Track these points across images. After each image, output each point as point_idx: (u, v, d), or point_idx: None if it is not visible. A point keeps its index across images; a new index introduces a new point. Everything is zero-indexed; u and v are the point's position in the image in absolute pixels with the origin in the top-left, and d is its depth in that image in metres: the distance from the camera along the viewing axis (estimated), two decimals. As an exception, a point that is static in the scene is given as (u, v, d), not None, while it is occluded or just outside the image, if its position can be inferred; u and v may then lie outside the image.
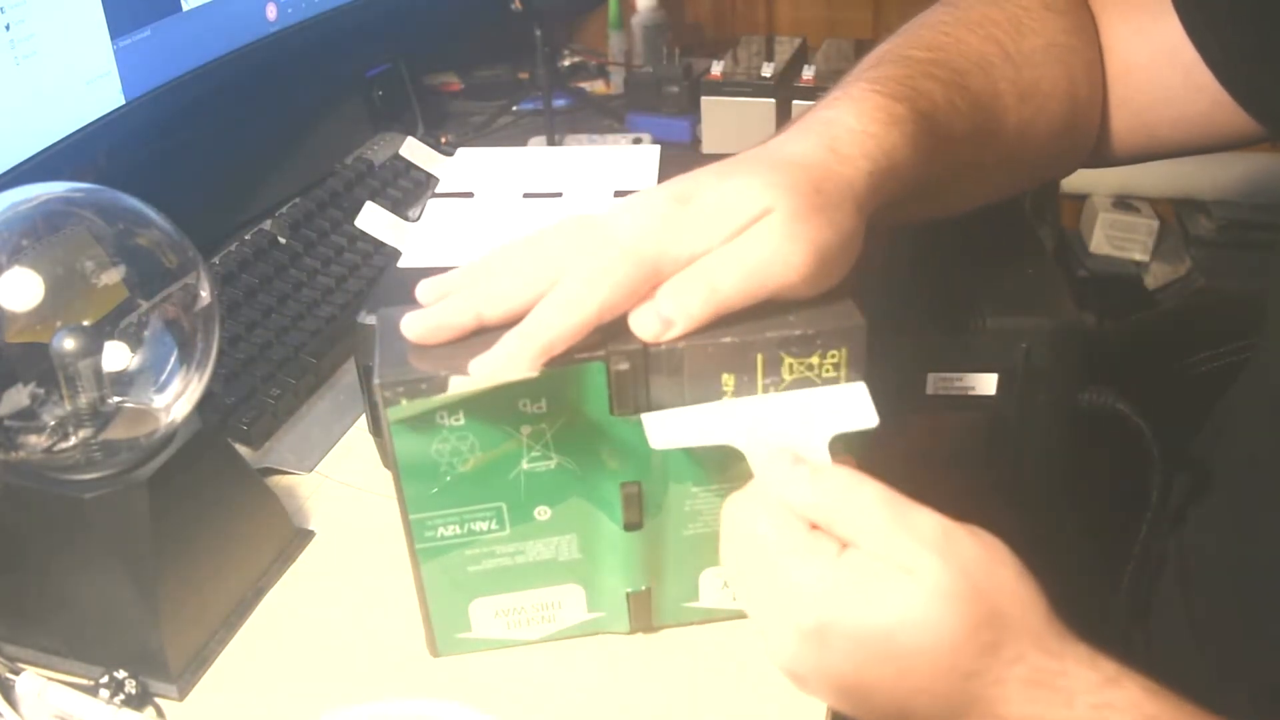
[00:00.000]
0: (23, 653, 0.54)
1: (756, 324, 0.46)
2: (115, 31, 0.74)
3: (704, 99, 1.02)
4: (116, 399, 0.51)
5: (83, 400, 0.50)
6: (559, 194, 0.73)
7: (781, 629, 0.42)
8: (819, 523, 0.42)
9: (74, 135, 0.72)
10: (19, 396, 0.50)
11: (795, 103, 1.00)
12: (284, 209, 0.87)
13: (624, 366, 0.46)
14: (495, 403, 0.46)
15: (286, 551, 0.60)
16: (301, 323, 0.76)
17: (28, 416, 0.50)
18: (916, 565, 0.40)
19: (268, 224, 0.84)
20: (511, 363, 0.44)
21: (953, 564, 0.40)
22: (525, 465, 0.49)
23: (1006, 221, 0.65)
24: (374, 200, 0.86)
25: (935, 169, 0.53)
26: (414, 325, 0.47)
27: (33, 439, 0.50)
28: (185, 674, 0.53)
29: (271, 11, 0.91)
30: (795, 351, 0.47)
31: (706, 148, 1.03)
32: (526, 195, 0.73)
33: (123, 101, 0.76)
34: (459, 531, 0.50)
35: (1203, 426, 0.67)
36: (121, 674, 0.51)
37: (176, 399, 0.52)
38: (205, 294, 0.53)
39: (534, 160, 0.80)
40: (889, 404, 0.47)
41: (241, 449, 0.65)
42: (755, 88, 1.00)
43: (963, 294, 0.60)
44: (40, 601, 0.53)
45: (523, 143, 1.06)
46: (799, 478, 0.43)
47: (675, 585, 0.53)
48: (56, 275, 0.50)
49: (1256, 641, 0.58)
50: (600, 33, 1.28)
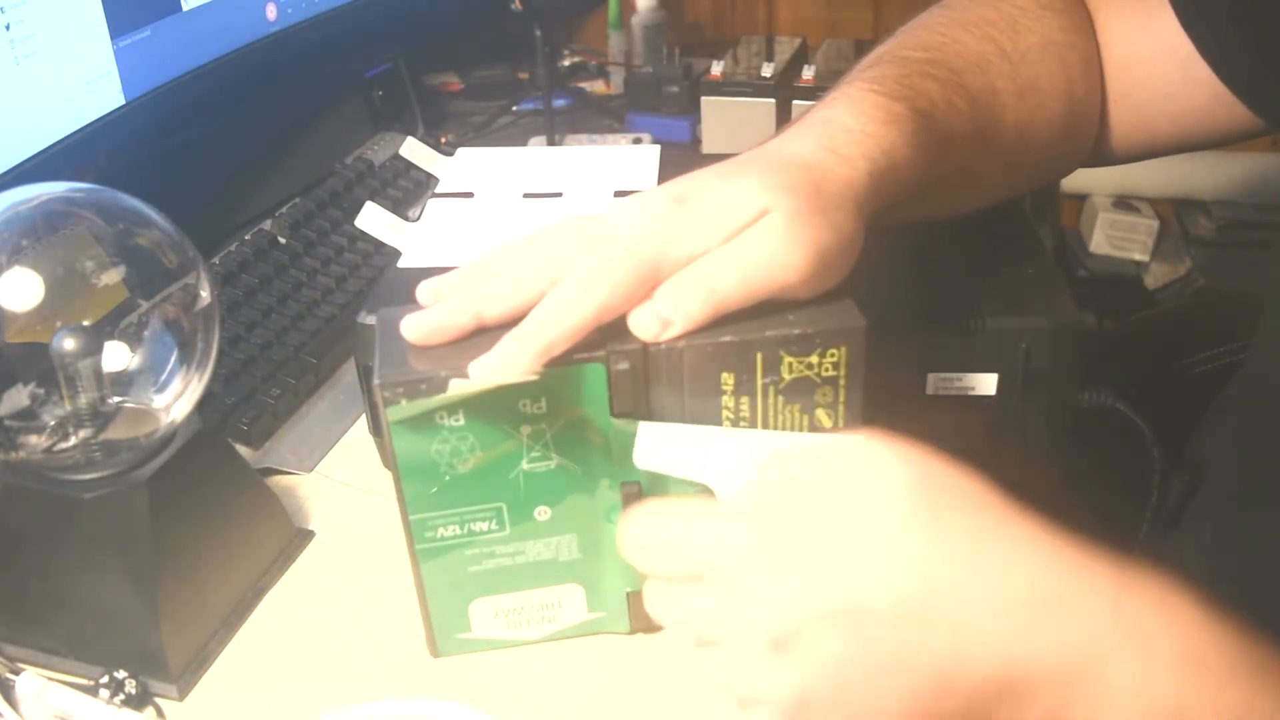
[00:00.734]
0: (23, 653, 0.54)
1: (756, 323, 0.46)
2: (115, 31, 0.74)
3: (704, 99, 1.02)
4: (116, 399, 0.51)
5: (83, 400, 0.50)
6: (559, 194, 0.73)
7: (829, 557, 0.39)
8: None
9: (74, 135, 0.72)
10: (19, 396, 0.50)
11: (795, 103, 1.00)
12: (284, 209, 0.87)
13: (624, 366, 0.46)
14: (495, 403, 0.46)
15: (286, 551, 0.60)
16: (301, 323, 0.76)
17: (28, 416, 0.50)
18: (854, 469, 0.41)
19: (268, 224, 0.84)
20: (511, 364, 0.44)
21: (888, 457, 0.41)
22: (525, 465, 0.49)
23: (1006, 221, 0.65)
24: (374, 200, 0.86)
25: (935, 168, 0.53)
26: (414, 326, 0.47)
27: (33, 439, 0.50)
28: (185, 674, 0.53)
29: (271, 11, 0.91)
30: (795, 351, 0.47)
31: (706, 148, 1.03)
32: (526, 195, 0.73)
33: (123, 101, 0.76)
34: (459, 531, 0.50)
35: (1203, 426, 0.67)
36: (121, 674, 0.51)
37: (176, 399, 0.52)
38: (205, 294, 0.53)
39: (534, 160, 0.80)
40: (889, 404, 0.47)
41: (241, 449, 0.65)
42: (755, 88, 1.00)
43: (963, 294, 0.60)
44: (40, 601, 0.53)
45: (523, 143, 1.07)
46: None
47: (675, 585, 0.53)
48: (56, 275, 0.50)
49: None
50: (600, 33, 1.28)
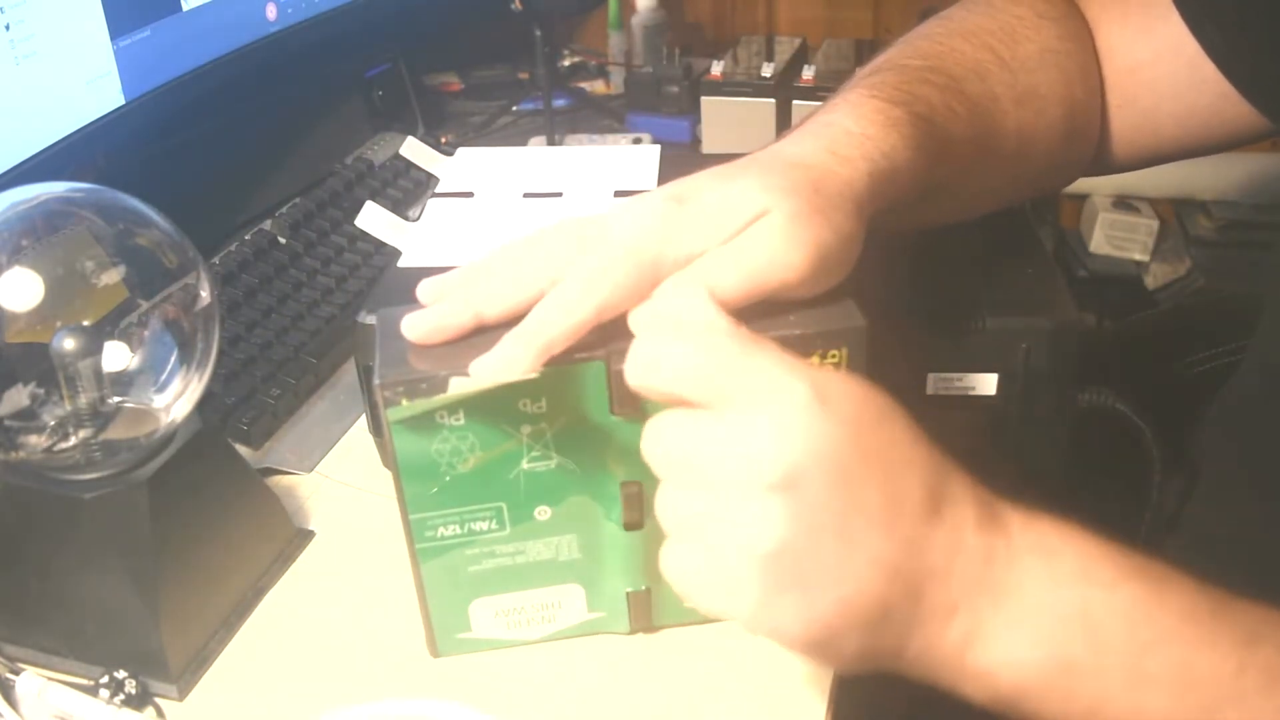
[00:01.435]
0: (23, 653, 0.54)
1: (756, 323, 0.46)
2: (115, 31, 0.74)
3: (704, 99, 1.02)
4: (116, 399, 0.51)
5: (83, 400, 0.50)
6: (559, 194, 0.73)
7: (767, 430, 0.39)
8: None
9: (74, 135, 0.72)
10: (19, 396, 0.50)
11: (795, 103, 1.00)
12: (284, 209, 0.87)
13: (624, 366, 0.46)
14: (495, 403, 0.46)
15: (286, 551, 0.60)
16: (301, 323, 0.76)
17: (28, 416, 0.50)
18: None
19: (268, 224, 0.84)
20: (512, 363, 0.44)
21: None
22: (525, 465, 0.49)
23: (1006, 221, 0.65)
24: (374, 200, 0.86)
25: (936, 173, 0.53)
26: (414, 326, 0.47)
27: (33, 439, 0.50)
28: (185, 674, 0.53)
29: (271, 11, 0.91)
30: (795, 351, 0.47)
31: (706, 148, 1.03)
32: (527, 195, 0.73)
33: (123, 101, 0.76)
34: (459, 531, 0.50)
35: (1202, 426, 0.68)
36: (121, 674, 0.51)
37: (176, 399, 0.52)
38: (205, 294, 0.53)
39: (534, 160, 0.80)
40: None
41: (241, 449, 0.65)
42: (755, 88, 1.00)
43: (963, 294, 0.60)
44: (40, 601, 0.53)
45: (523, 143, 1.06)
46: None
47: (675, 585, 0.53)
48: (56, 275, 0.50)
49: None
50: (600, 33, 1.28)
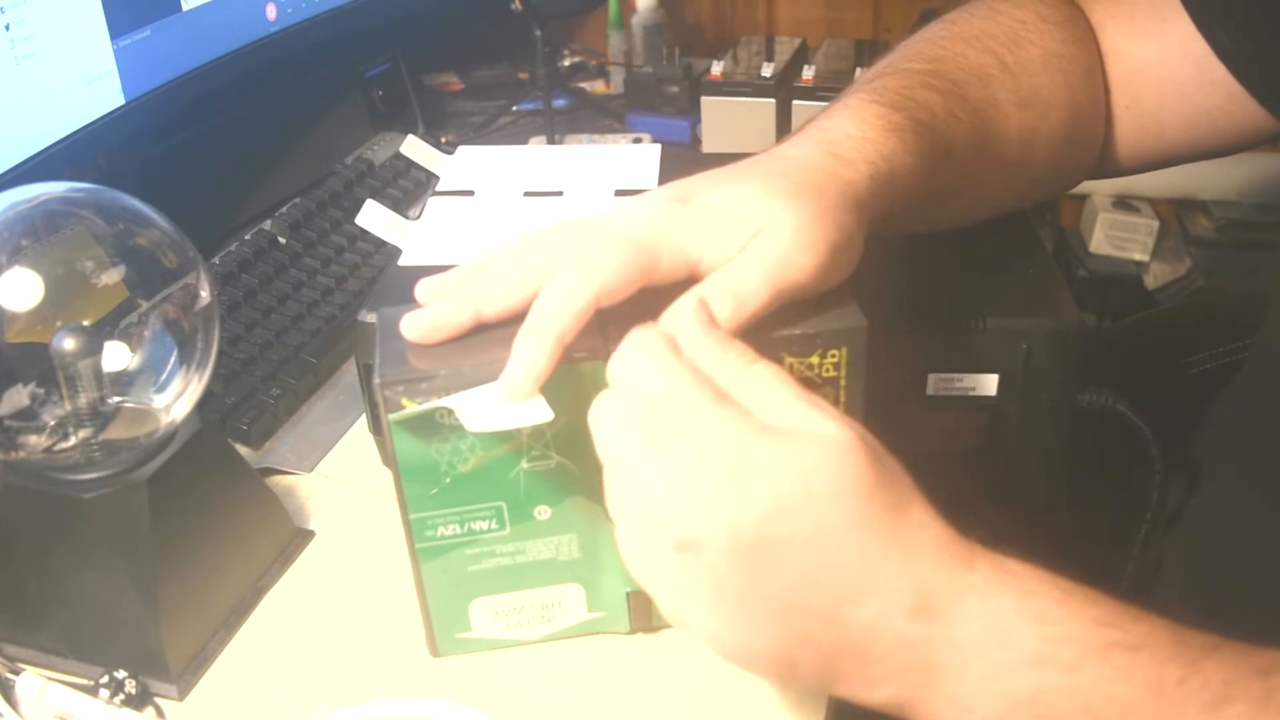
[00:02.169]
0: (23, 653, 0.54)
1: (757, 323, 0.46)
2: (115, 31, 0.74)
3: (704, 99, 1.02)
4: (116, 399, 0.51)
5: (83, 400, 0.50)
6: (560, 193, 0.73)
7: (683, 486, 0.40)
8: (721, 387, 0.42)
9: (74, 135, 0.72)
10: (19, 396, 0.50)
11: (795, 103, 1.00)
12: (284, 209, 0.87)
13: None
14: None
15: (286, 551, 0.60)
16: (301, 323, 0.76)
17: (28, 416, 0.50)
18: (821, 425, 0.40)
19: (268, 224, 0.84)
20: (530, 365, 0.44)
21: (852, 428, 0.41)
22: (525, 465, 0.49)
23: (1006, 221, 0.65)
24: (374, 199, 0.86)
25: (938, 177, 0.53)
26: (413, 325, 0.47)
27: (33, 439, 0.50)
28: (185, 674, 0.53)
29: (271, 11, 0.91)
30: (796, 351, 0.47)
31: (706, 148, 1.03)
32: (527, 194, 0.73)
33: (123, 101, 0.76)
34: (459, 531, 0.50)
35: (1203, 426, 0.68)
36: (121, 674, 0.51)
37: (176, 399, 0.52)
38: (205, 294, 0.53)
39: (535, 159, 0.80)
40: (889, 404, 0.47)
41: (241, 449, 0.65)
42: (755, 88, 1.00)
43: (963, 294, 0.60)
44: (40, 601, 0.53)
45: (523, 142, 1.06)
46: (708, 339, 0.43)
47: (675, 585, 0.53)
48: (56, 275, 0.50)
49: (1258, 641, 0.58)
50: (600, 33, 1.28)
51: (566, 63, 1.25)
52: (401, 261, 0.66)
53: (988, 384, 0.59)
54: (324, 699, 0.52)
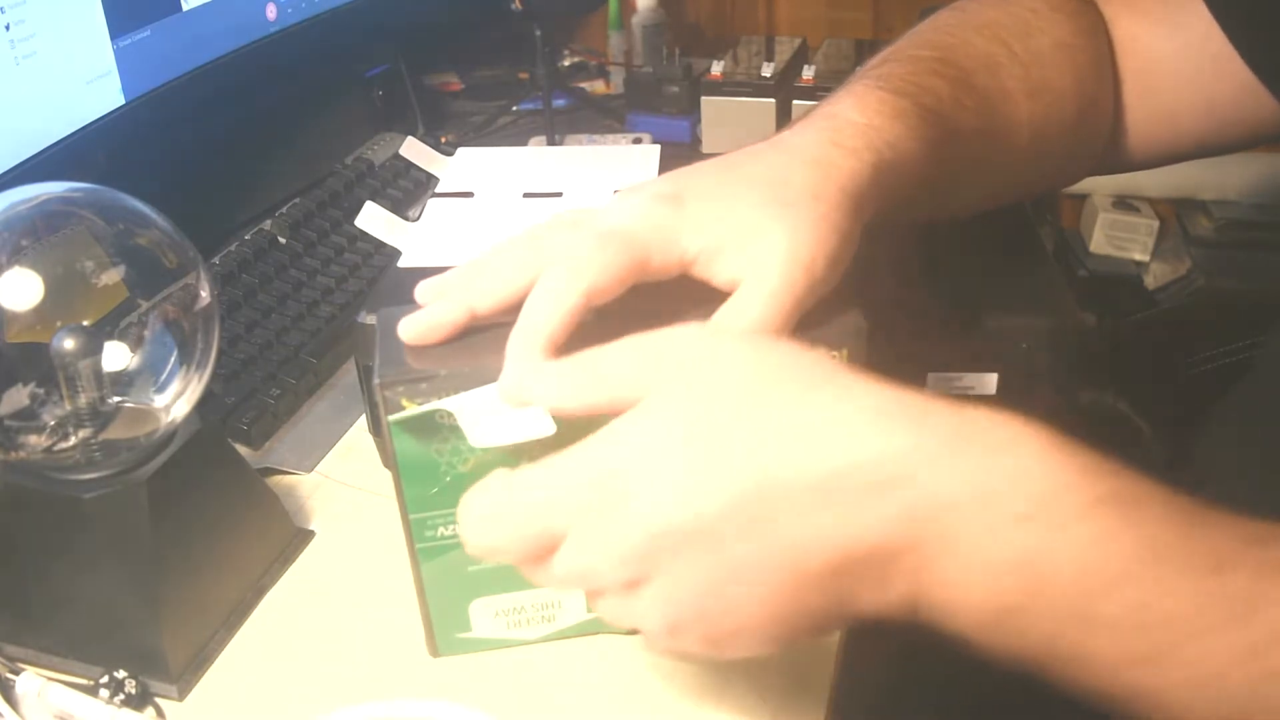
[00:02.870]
0: (23, 653, 0.54)
1: None
2: (115, 31, 0.74)
3: (704, 99, 1.02)
4: (116, 399, 0.51)
5: (83, 400, 0.50)
6: (559, 194, 0.73)
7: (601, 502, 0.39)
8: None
9: (74, 135, 0.72)
10: (19, 396, 0.50)
11: (795, 103, 1.00)
12: (284, 209, 0.87)
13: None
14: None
15: (286, 551, 0.60)
16: (301, 323, 0.76)
17: (28, 416, 0.50)
18: (677, 354, 0.40)
19: (268, 224, 0.84)
20: (527, 373, 0.43)
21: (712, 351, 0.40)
22: (525, 465, 0.49)
23: (1006, 221, 0.65)
24: (374, 200, 0.86)
25: (944, 165, 0.53)
26: (409, 326, 0.47)
27: (33, 439, 0.50)
28: (185, 674, 0.53)
29: (271, 11, 0.91)
30: (795, 351, 0.47)
31: (706, 148, 1.03)
32: (527, 195, 0.73)
33: (123, 101, 0.76)
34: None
35: (1203, 426, 0.68)
36: (121, 674, 0.51)
37: (176, 399, 0.52)
38: (205, 294, 0.53)
39: (534, 160, 0.80)
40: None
41: (241, 449, 0.65)
42: (755, 88, 1.00)
43: (963, 294, 0.60)
44: (40, 601, 0.53)
45: (523, 143, 1.06)
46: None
47: (675, 585, 0.53)
48: (56, 275, 0.50)
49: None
50: (600, 33, 1.28)
51: (566, 63, 1.25)
52: (401, 263, 0.67)
53: (988, 384, 0.59)
54: (324, 699, 0.52)
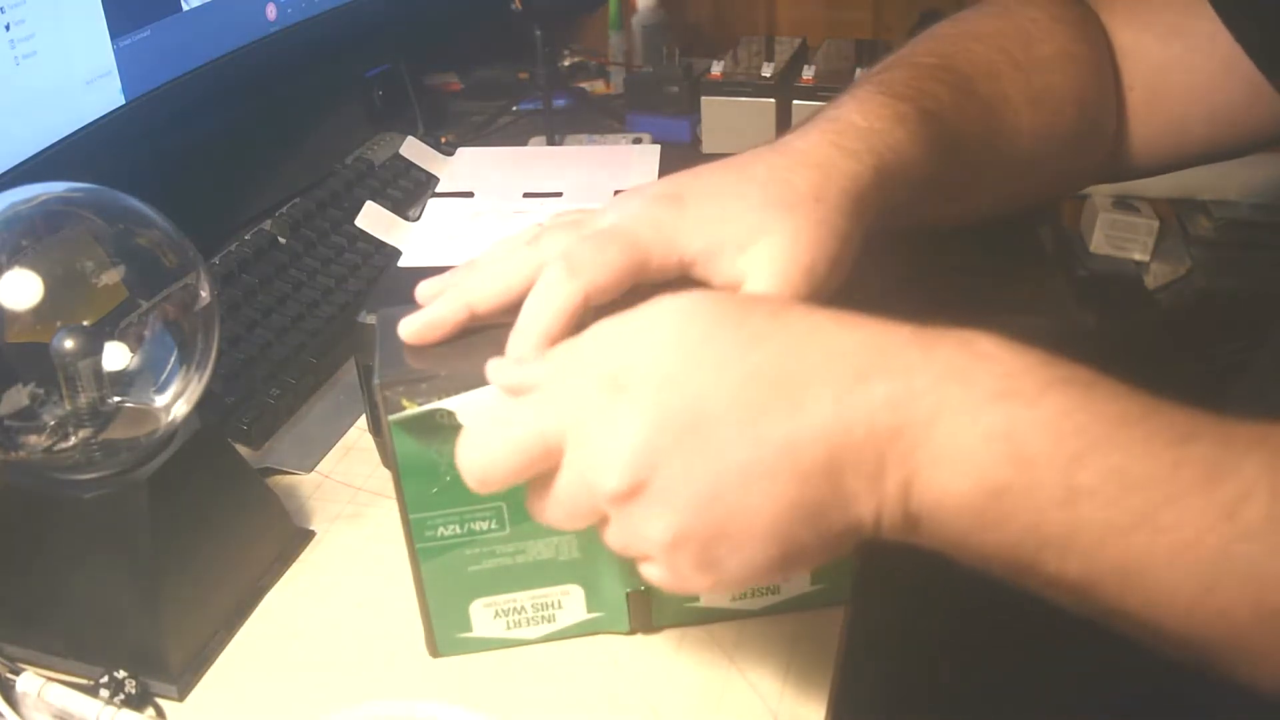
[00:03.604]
0: (23, 653, 0.54)
1: None
2: (115, 31, 0.74)
3: (704, 99, 1.02)
4: (116, 399, 0.51)
5: (83, 400, 0.50)
6: (559, 193, 0.73)
7: (588, 431, 0.39)
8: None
9: (74, 135, 0.72)
10: (19, 396, 0.50)
11: (795, 103, 1.00)
12: (284, 209, 0.87)
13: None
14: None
15: (286, 551, 0.60)
16: (301, 323, 0.76)
17: (28, 416, 0.50)
18: (650, 307, 0.40)
19: (268, 224, 0.84)
20: (521, 362, 0.44)
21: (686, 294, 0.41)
22: None
23: (1006, 222, 0.65)
24: (374, 200, 0.86)
25: (946, 171, 0.53)
26: (409, 326, 0.47)
27: (33, 439, 0.50)
28: (185, 674, 0.53)
29: (271, 11, 0.91)
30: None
31: (706, 148, 1.03)
32: (527, 195, 0.73)
33: (123, 101, 0.76)
34: (459, 531, 0.50)
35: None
36: (121, 674, 0.51)
37: (176, 399, 0.52)
38: (205, 294, 0.53)
39: (534, 160, 0.80)
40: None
41: (241, 449, 0.65)
42: (755, 88, 1.00)
43: (963, 294, 0.60)
44: (40, 601, 0.53)
45: (523, 143, 1.06)
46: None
47: (675, 585, 0.53)
48: (56, 275, 0.50)
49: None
50: (600, 33, 1.28)
51: (566, 63, 1.25)
52: (401, 262, 0.67)
53: (988, 384, 0.59)
54: (324, 699, 0.52)
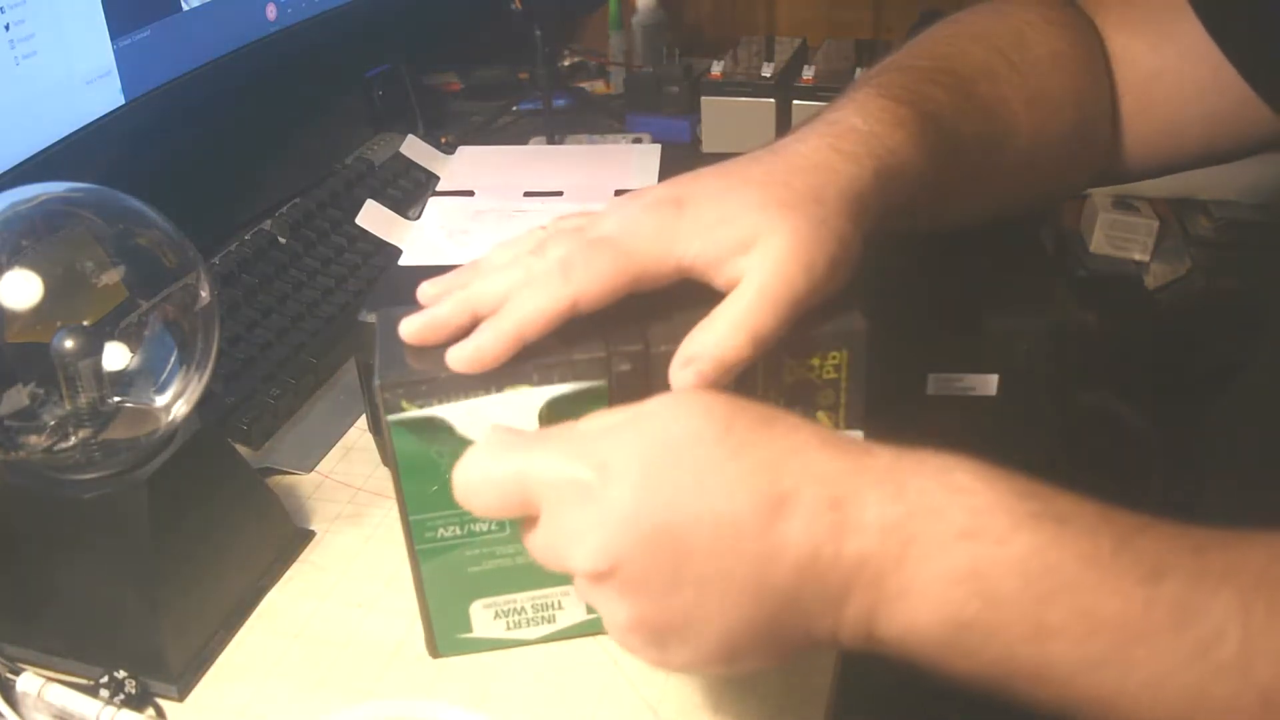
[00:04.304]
0: (23, 653, 0.54)
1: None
2: (115, 31, 0.74)
3: (704, 99, 1.02)
4: (116, 399, 0.51)
5: (83, 400, 0.50)
6: (559, 193, 0.73)
7: (566, 505, 0.40)
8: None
9: (74, 135, 0.72)
10: (19, 396, 0.50)
11: (795, 103, 1.00)
12: (284, 209, 0.87)
13: (626, 368, 0.46)
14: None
15: (286, 551, 0.60)
16: (301, 323, 0.76)
17: (28, 416, 0.50)
18: (650, 404, 0.41)
19: (268, 224, 0.84)
20: (484, 351, 0.44)
21: (683, 389, 0.42)
22: None
23: (1006, 222, 0.65)
24: (374, 199, 0.86)
25: (944, 172, 0.53)
26: (410, 326, 0.47)
27: (33, 439, 0.50)
28: (185, 674, 0.53)
29: (271, 11, 0.91)
30: (796, 353, 0.47)
31: (706, 148, 1.03)
32: (527, 194, 0.73)
33: (123, 101, 0.76)
34: (459, 532, 0.50)
35: (1203, 426, 0.68)
36: (121, 674, 0.51)
37: (176, 399, 0.52)
38: (205, 294, 0.53)
39: (534, 159, 0.80)
40: (889, 404, 0.47)
41: (241, 449, 0.65)
42: (755, 88, 1.00)
43: (963, 294, 0.60)
44: (40, 601, 0.53)
45: (523, 143, 1.06)
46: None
47: (675, 585, 0.53)
48: (56, 275, 0.50)
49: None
50: (600, 33, 1.28)
51: (566, 63, 1.25)
52: (402, 261, 0.67)
53: (988, 384, 0.59)
54: (324, 699, 0.52)
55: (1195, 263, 1.48)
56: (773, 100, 1.00)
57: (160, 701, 0.52)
